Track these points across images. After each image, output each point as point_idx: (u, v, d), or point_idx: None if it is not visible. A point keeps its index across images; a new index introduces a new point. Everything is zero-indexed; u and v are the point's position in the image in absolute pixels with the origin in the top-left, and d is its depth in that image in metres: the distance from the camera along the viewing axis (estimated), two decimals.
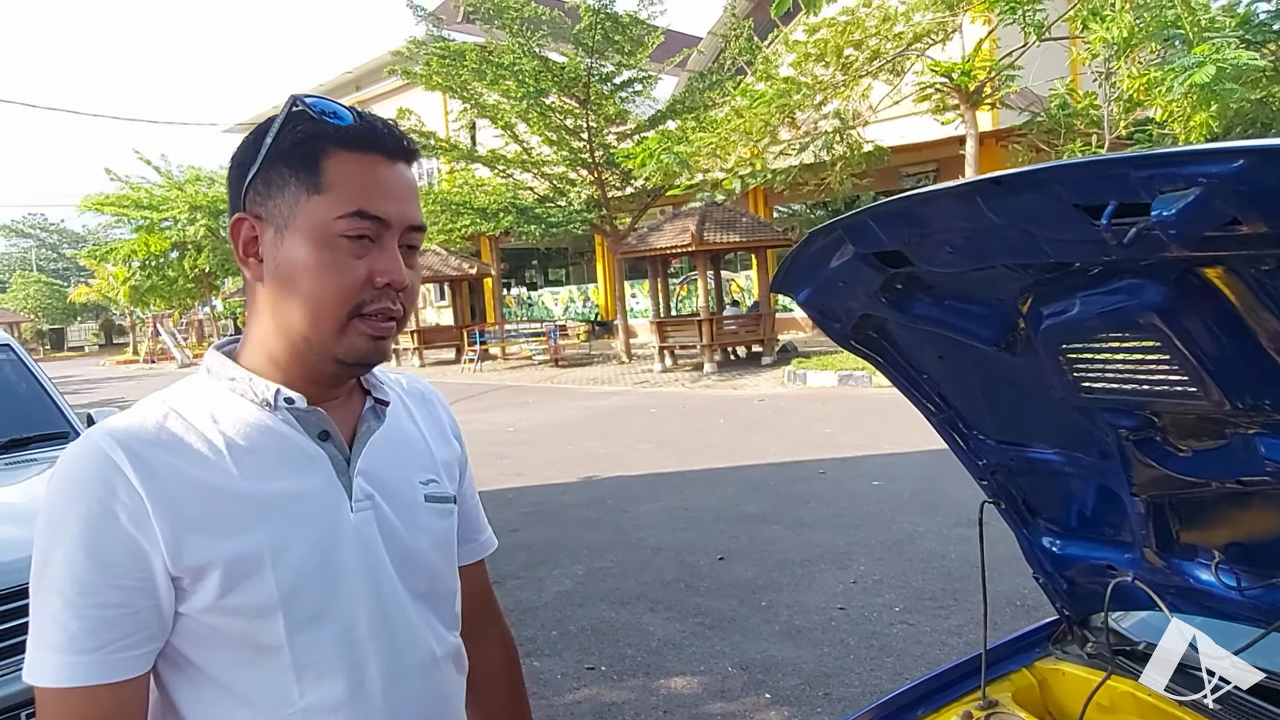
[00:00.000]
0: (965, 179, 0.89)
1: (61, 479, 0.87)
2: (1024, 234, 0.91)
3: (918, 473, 7.21)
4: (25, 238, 61.53)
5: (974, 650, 3.98)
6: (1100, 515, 1.63)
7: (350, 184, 0.90)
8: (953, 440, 1.70)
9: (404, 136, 0.95)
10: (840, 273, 1.28)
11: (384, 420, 1.03)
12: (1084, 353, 1.17)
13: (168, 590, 0.87)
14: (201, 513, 0.87)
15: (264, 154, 0.92)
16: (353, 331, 0.92)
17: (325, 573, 0.93)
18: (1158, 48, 10.51)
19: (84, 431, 0.89)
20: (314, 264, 0.90)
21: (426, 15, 17.69)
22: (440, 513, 1.06)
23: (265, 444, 0.93)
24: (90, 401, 19.99)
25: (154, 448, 0.88)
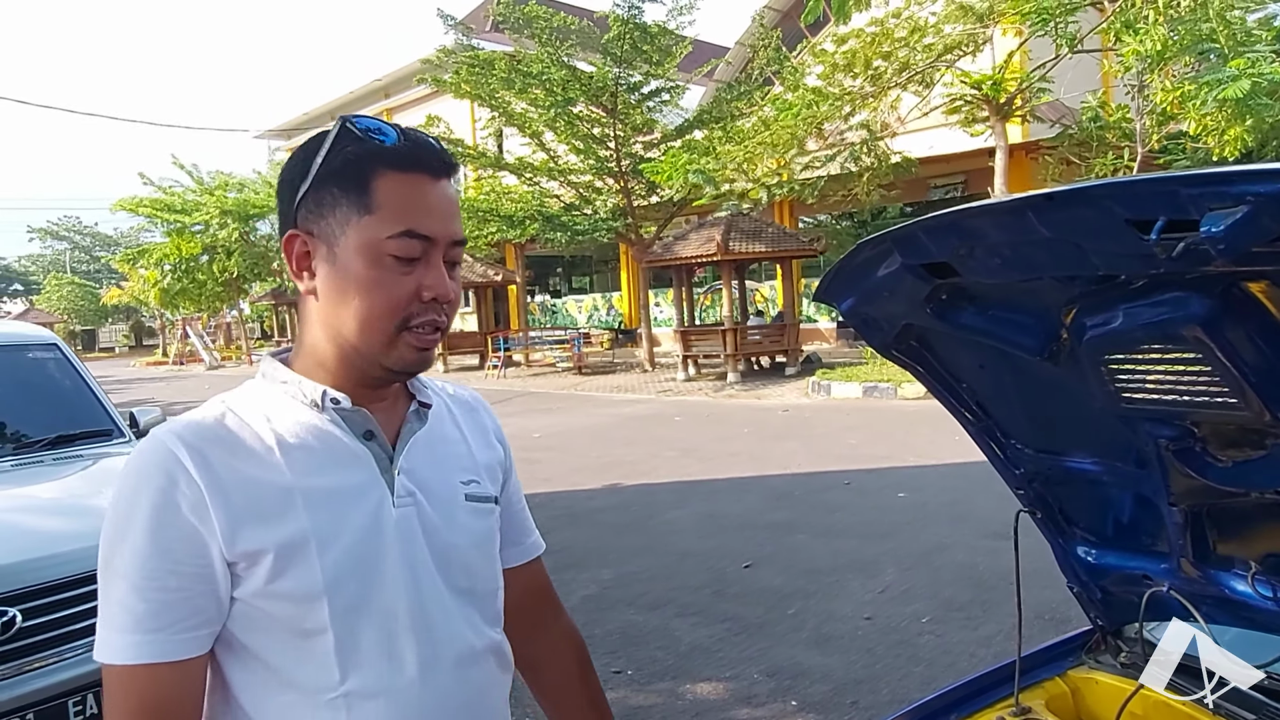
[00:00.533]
0: (1009, 194, 0.93)
1: (130, 473, 0.94)
2: (1073, 247, 0.95)
3: (944, 485, 7.19)
4: (60, 240, 62.56)
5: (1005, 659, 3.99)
6: (1136, 525, 1.65)
7: (398, 205, 0.95)
8: (990, 449, 1.73)
9: (445, 153, 1.00)
10: (886, 283, 1.32)
11: (426, 422, 1.09)
12: (1126, 363, 1.20)
13: (224, 576, 0.93)
14: (254, 504, 0.94)
15: (314, 173, 0.97)
16: (401, 343, 0.98)
17: (367, 563, 0.98)
18: (1192, 61, 10.43)
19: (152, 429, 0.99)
20: (365, 280, 0.95)
21: (456, 24, 17.89)
22: (480, 512, 1.10)
23: (313, 442, 0.99)
24: (122, 401, 20.29)
25: (213, 445, 0.95)
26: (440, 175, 0.99)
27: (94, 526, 3.08)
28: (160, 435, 0.96)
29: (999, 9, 11.96)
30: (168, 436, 0.95)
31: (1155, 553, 1.64)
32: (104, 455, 3.68)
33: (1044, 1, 10.85)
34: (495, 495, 1.14)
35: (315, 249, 0.99)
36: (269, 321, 36.44)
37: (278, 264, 28.55)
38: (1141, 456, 1.45)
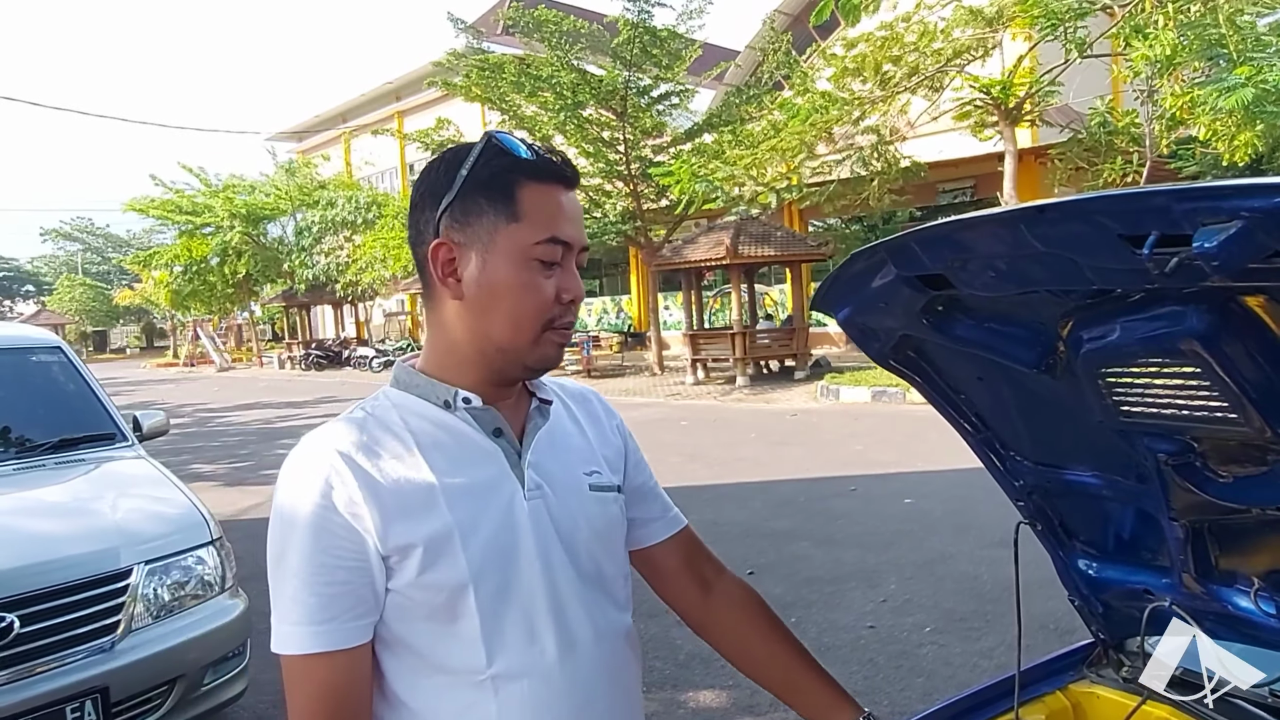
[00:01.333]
0: (1008, 204, 0.91)
1: (289, 478, 1.02)
2: (1067, 261, 0.93)
3: (950, 492, 7.15)
4: (72, 241, 62.96)
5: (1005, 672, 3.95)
6: (1138, 539, 1.63)
7: (542, 213, 1.03)
8: (990, 461, 1.71)
9: (572, 165, 1.08)
10: (881, 293, 1.30)
11: (549, 418, 1.16)
12: (1124, 377, 1.18)
13: (380, 569, 1.00)
14: (402, 501, 1.01)
15: (460, 184, 1.03)
16: (545, 342, 1.06)
17: (507, 553, 1.05)
18: (1201, 66, 10.38)
19: (304, 438, 1.07)
20: (515, 284, 1.03)
21: (466, 28, 17.93)
22: (604, 500, 1.17)
23: (448, 441, 1.07)
24: (131, 403, 20.39)
25: (359, 449, 1.03)
26: (571, 186, 1.07)
27: (94, 531, 3.10)
28: (315, 443, 1.04)
29: (1009, 13, 11.92)
30: (322, 445, 1.03)
31: (1157, 567, 1.61)
32: (106, 459, 3.69)
33: (1054, 6, 10.81)
34: (618, 484, 1.21)
35: (461, 256, 1.05)
36: (280, 323, 36.55)
37: (288, 265, 28.70)
38: (1141, 471, 1.42)
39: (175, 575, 3.09)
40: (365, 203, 25.44)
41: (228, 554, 3.28)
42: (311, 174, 30.00)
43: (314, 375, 26.48)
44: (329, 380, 24.13)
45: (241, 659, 3.23)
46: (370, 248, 24.31)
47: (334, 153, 34.41)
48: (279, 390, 21.66)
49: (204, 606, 3.13)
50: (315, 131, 38.71)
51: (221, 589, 3.19)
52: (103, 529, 3.05)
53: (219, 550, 3.22)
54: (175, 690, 2.95)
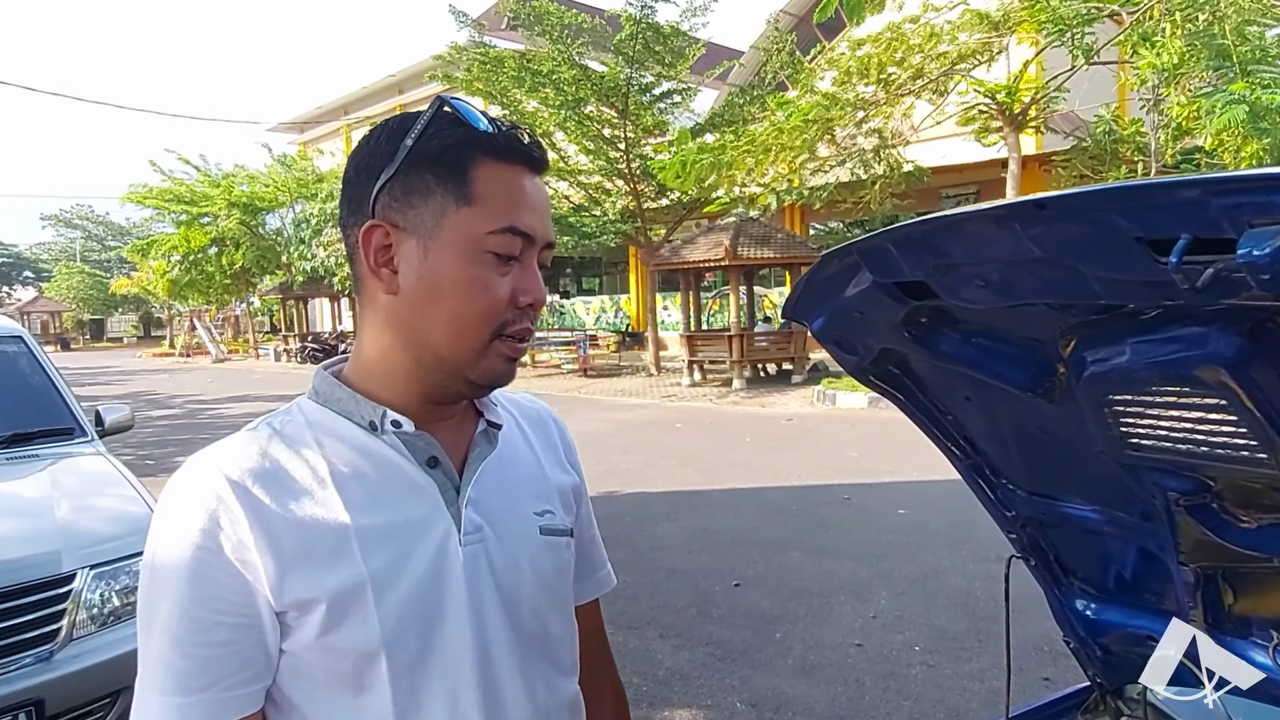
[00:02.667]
0: (1001, 201, 0.75)
1: (167, 512, 0.84)
2: (1070, 270, 0.77)
3: (946, 503, 6.98)
4: (72, 228, 62.81)
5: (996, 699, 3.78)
6: (1142, 580, 1.47)
7: (501, 197, 0.86)
8: (979, 488, 1.56)
9: (540, 145, 0.90)
10: (857, 302, 1.14)
11: (496, 445, 0.97)
12: (1133, 406, 1.02)
13: (273, 625, 0.83)
14: (304, 546, 0.83)
15: (403, 156, 0.86)
16: (492, 353, 0.88)
17: (431, 612, 0.87)
18: (1208, 75, 10.23)
19: (190, 459, 0.87)
20: (463, 280, 0.85)
21: (470, 22, 17.76)
22: (555, 546, 0.98)
23: (370, 472, 0.88)
24: (124, 393, 20.23)
25: (256, 478, 0.84)
26: (537, 169, 0.90)
27: (35, 533, 2.92)
28: (200, 468, 0.85)
29: (1015, 18, 11.76)
30: (208, 469, 0.85)
31: (1162, 611, 1.45)
32: (63, 455, 3.53)
33: (1061, 11, 10.65)
34: (570, 527, 1.03)
35: (399, 242, 0.87)
36: (278, 316, 36.37)
37: (285, 257, 28.51)
38: (1147, 508, 1.26)
39: (125, 580, 2.92)
40: None
41: None
42: (309, 167, 29.81)
43: (310, 369, 26.25)
44: None
45: None
46: None
47: (335, 145, 34.22)
48: (273, 383, 21.48)
49: None
50: (316, 123, 38.53)
51: None
52: (45, 531, 2.89)
53: None
54: (118, 703, 2.79)
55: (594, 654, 1.15)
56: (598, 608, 1.18)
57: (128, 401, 4.20)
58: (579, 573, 1.08)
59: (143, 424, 12.98)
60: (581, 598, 1.11)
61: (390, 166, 0.86)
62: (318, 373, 0.95)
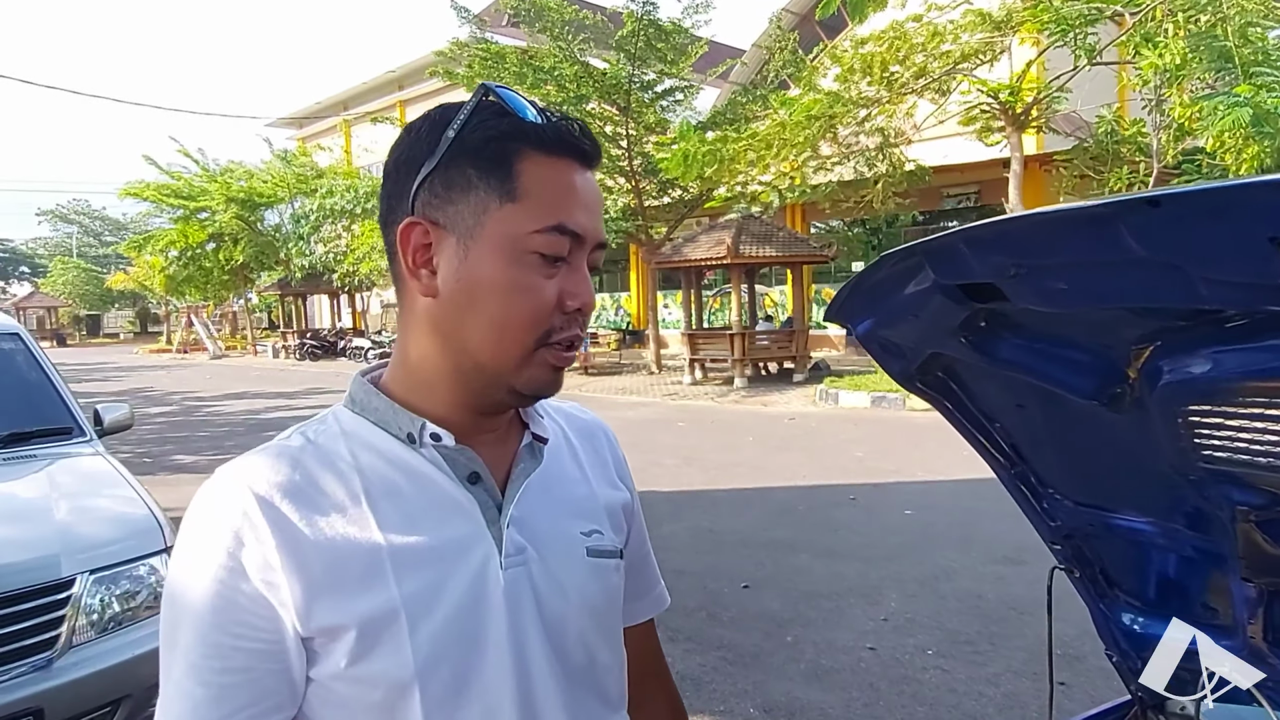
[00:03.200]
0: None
1: (190, 530, 0.79)
2: (1174, 271, 0.71)
3: (952, 503, 6.93)
4: (69, 223, 62.64)
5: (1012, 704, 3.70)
6: (1195, 595, 1.41)
7: (548, 193, 0.79)
8: (1023, 497, 1.50)
9: (592, 136, 0.83)
10: (913, 304, 1.08)
11: (541, 460, 0.91)
12: (1212, 416, 0.96)
13: (298, 654, 0.78)
14: (333, 568, 0.78)
15: (444, 150, 0.79)
16: (537, 361, 0.82)
17: (468, 641, 0.81)
18: (1210, 77, 10.19)
19: (218, 470, 0.81)
20: (504, 282, 0.79)
21: (471, 18, 17.68)
22: (603, 569, 0.91)
23: (407, 488, 0.82)
24: (121, 389, 20.15)
25: (286, 494, 0.79)
26: (589, 164, 0.83)
27: (34, 537, 2.85)
28: (227, 482, 0.80)
29: (1018, 18, 11.71)
30: (235, 485, 0.79)
31: (1215, 627, 1.39)
32: (61, 456, 3.46)
33: (1064, 11, 10.60)
34: (620, 548, 0.95)
35: (439, 241, 0.81)
36: (276, 312, 36.26)
37: (284, 253, 28.42)
38: (1210, 522, 1.21)
39: (125, 585, 2.86)
40: (365, 192, 25.16)
41: None
42: (308, 162, 29.71)
43: (308, 365, 26.20)
44: (323, 371, 23.87)
45: None
46: (368, 237, 24.04)
47: (334, 141, 34.13)
48: (272, 380, 21.41)
49: (156, 619, 2.87)
50: (316, 118, 38.43)
51: None
52: (44, 535, 2.82)
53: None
54: (120, 711, 2.72)
55: (651, 674, 1.09)
56: (653, 629, 1.11)
57: (125, 398, 4.14)
58: (631, 593, 1.01)
59: (141, 421, 12.91)
60: (634, 619, 1.04)
61: (431, 160, 0.80)
62: (355, 379, 0.89)
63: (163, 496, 3.41)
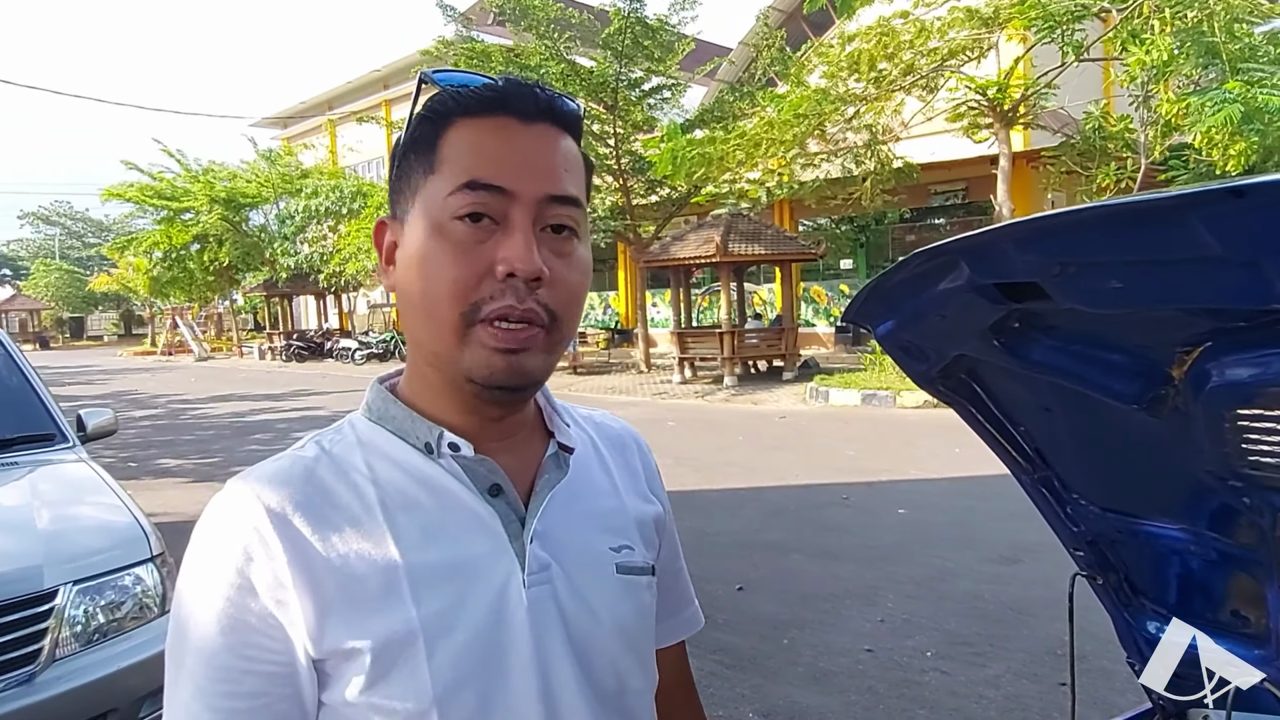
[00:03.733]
0: (1175, 190, 0.63)
1: (199, 546, 0.75)
2: (1247, 268, 0.66)
3: (947, 502, 6.91)
4: (51, 225, 62.06)
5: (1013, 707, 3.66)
6: (1224, 602, 1.36)
7: (463, 153, 0.74)
8: (1045, 502, 1.44)
9: (546, 94, 0.76)
10: (942, 303, 1.02)
11: (567, 471, 0.84)
12: (1262, 421, 0.91)
13: (310, 677, 0.73)
14: (347, 587, 0.73)
15: (399, 147, 0.78)
16: (474, 342, 0.74)
17: (490, 665, 0.75)
18: (1197, 73, 10.22)
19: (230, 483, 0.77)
20: (425, 255, 0.74)
21: (457, 16, 17.58)
22: (633, 587, 0.85)
23: (425, 501, 0.77)
24: (105, 392, 19.95)
25: (298, 508, 0.75)
26: (533, 119, 0.75)
27: (15, 548, 2.76)
28: (237, 496, 0.75)
29: (1005, 14, 11.72)
30: (246, 498, 0.75)
31: (1248, 637, 1.35)
32: (42, 463, 3.37)
33: (1051, 8, 10.61)
34: (652, 564, 0.89)
35: (396, 234, 0.79)
36: (262, 313, 36.01)
37: (269, 254, 28.23)
38: (1246, 528, 1.16)
39: (109, 596, 2.78)
40: (350, 192, 25.00)
41: (170, 572, 2.97)
42: (293, 161, 29.50)
43: (295, 367, 26.03)
44: (310, 372, 23.70)
45: None
46: (354, 237, 23.88)
47: (319, 141, 33.91)
48: (258, 382, 21.24)
49: (142, 630, 2.81)
50: (301, 118, 38.19)
51: (161, 611, 2.88)
52: (25, 545, 2.74)
53: (159, 568, 2.91)
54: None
55: (682, 701, 1.03)
56: (684, 651, 1.04)
57: (109, 402, 4.07)
58: (663, 611, 0.94)
59: (125, 425, 12.76)
60: (666, 640, 0.98)
61: (395, 161, 0.79)
62: (373, 386, 0.85)
63: (147, 501, 3.33)
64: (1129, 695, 3.28)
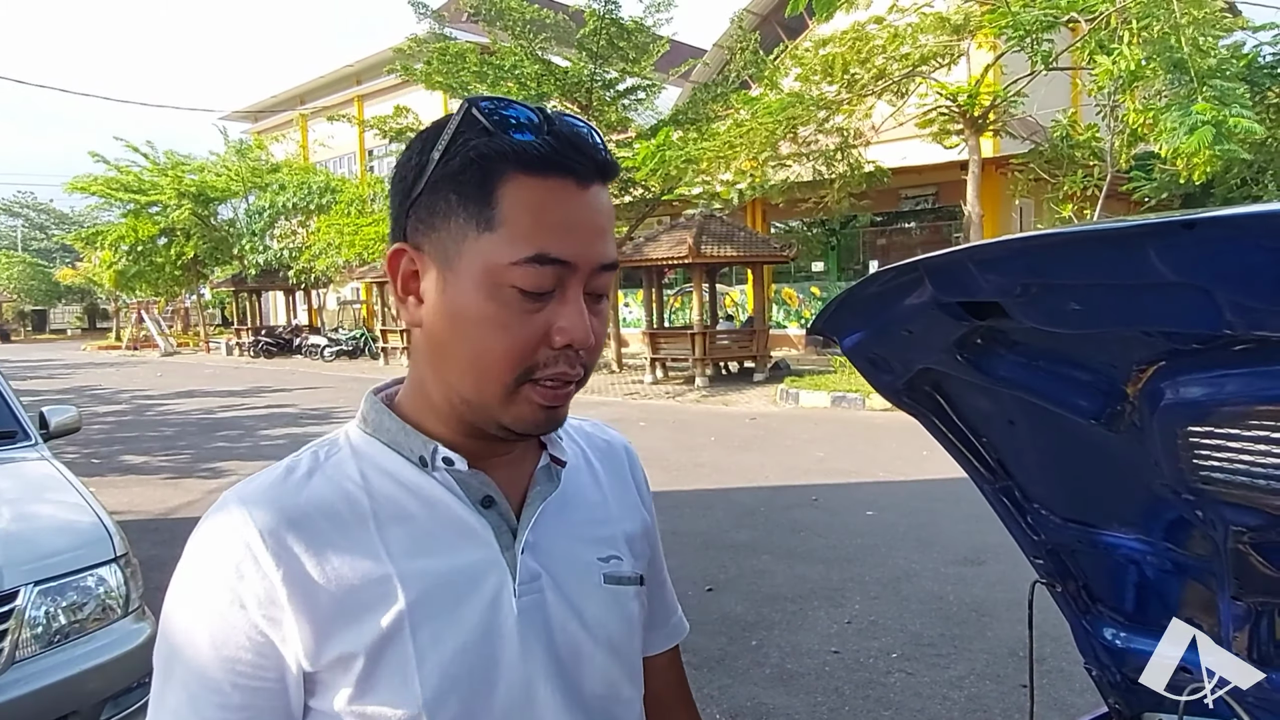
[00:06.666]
0: (1130, 220, 0.65)
1: (191, 561, 0.76)
2: (1200, 295, 0.68)
3: (913, 504, 6.98)
4: (14, 216, 60.89)
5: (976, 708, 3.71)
6: (1179, 610, 1.40)
7: (529, 219, 0.72)
8: (1006, 511, 1.47)
9: (600, 149, 0.76)
10: (907, 319, 1.05)
11: (559, 483, 0.86)
12: (1212, 438, 0.94)
13: (298, 689, 0.75)
14: (340, 599, 0.74)
15: (430, 173, 0.75)
16: (521, 400, 0.76)
17: (478, 675, 0.76)
18: (1164, 87, 10.40)
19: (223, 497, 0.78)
20: (479, 317, 0.74)
21: (430, 13, 17.46)
22: (621, 597, 0.87)
23: (418, 513, 0.78)
24: (68, 387, 19.62)
25: (293, 524, 0.75)
26: (589, 180, 0.75)
27: None
28: (230, 511, 0.76)
29: (976, 22, 11.87)
30: (238, 515, 0.75)
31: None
32: (3, 461, 3.32)
33: (1021, 17, 10.76)
34: (639, 574, 0.90)
35: (424, 269, 0.77)
36: (230, 308, 35.56)
37: (238, 249, 27.89)
38: (1201, 540, 1.19)
39: (71, 597, 2.75)
40: (319, 188, 24.74)
41: (134, 572, 2.94)
42: (264, 155, 29.16)
43: (263, 363, 25.74)
44: (278, 369, 23.45)
45: (147, 690, 2.89)
46: (325, 234, 23.66)
47: (290, 135, 33.55)
48: (225, 378, 20.99)
49: (105, 632, 2.79)
50: (272, 112, 37.72)
51: (125, 612, 2.85)
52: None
53: (123, 569, 2.88)
54: None
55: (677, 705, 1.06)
56: (677, 655, 1.06)
57: (72, 397, 3.99)
58: (654, 620, 0.97)
59: (89, 421, 12.56)
60: (658, 647, 1.01)
61: (419, 183, 0.75)
62: (367, 398, 0.85)
63: (112, 499, 3.29)
64: (1087, 696, 3.34)
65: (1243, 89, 9.65)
